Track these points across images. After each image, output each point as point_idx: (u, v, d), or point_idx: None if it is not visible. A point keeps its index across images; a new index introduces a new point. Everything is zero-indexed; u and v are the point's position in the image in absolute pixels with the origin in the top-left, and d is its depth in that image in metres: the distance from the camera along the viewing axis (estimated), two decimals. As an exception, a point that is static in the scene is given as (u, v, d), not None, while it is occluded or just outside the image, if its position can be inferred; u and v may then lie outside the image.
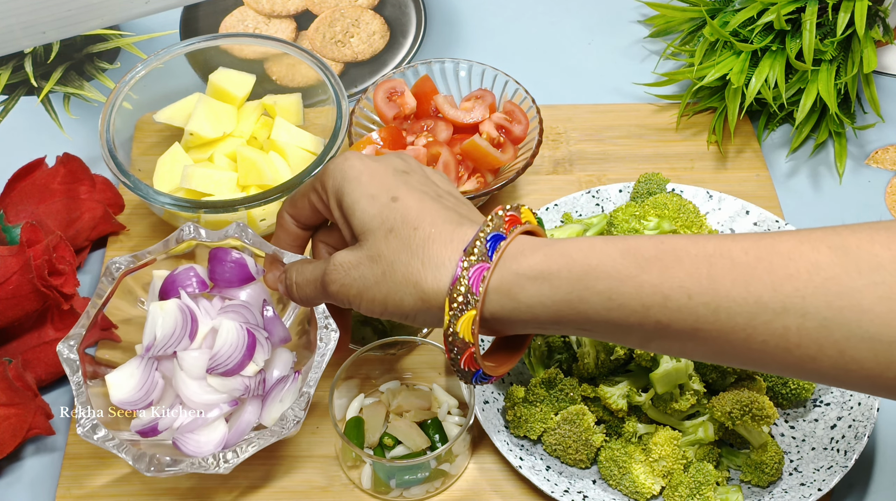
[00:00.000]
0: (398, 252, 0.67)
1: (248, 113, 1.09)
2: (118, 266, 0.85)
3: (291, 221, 0.79)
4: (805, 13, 1.06)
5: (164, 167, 1.05)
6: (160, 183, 1.04)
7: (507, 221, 0.67)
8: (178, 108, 1.08)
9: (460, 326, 0.65)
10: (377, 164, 0.72)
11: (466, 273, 0.65)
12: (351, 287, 0.70)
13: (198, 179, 1.02)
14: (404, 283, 0.67)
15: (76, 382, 0.81)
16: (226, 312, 0.85)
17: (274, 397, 0.84)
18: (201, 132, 1.06)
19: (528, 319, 0.66)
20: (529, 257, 0.65)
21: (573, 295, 0.64)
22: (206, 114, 1.06)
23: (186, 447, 0.82)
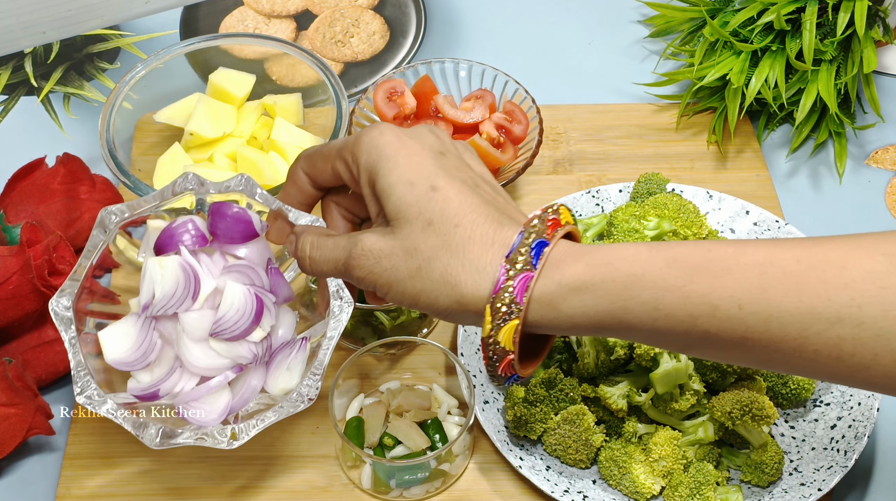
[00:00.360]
0: (437, 249, 0.65)
1: (248, 113, 1.09)
2: (113, 217, 0.78)
3: (306, 180, 0.74)
4: (805, 13, 1.06)
5: (164, 167, 1.05)
6: (160, 183, 1.04)
7: (549, 225, 0.65)
8: (178, 108, 1.08)
9: (502, 335, 0.63)
10: (413, 143, 0.68)
11: (511, 282, 0.63)
12: (380, 276, 0.66)
13: None
14: (441, 283, 0.65)
15: (69, 339, 0.77)
16: (230, 272, 0.79)
17: (279, 363, 0.80)
18: (201, 132, 1.06)
19: (567, 327, 0.64)
20: (572, 266, 0.63)
21: (616, 305, 0.62)
22: (206, 114, 1.06)
23: (192, 415, 0.78)
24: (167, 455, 0.92)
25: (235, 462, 0.92)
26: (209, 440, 0.76)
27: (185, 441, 0.75)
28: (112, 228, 0.79)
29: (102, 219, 0.78)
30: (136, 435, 0.75)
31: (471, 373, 0.92)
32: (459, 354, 0.93)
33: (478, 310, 0.64)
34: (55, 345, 0.94)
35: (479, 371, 0.93)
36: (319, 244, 0.71)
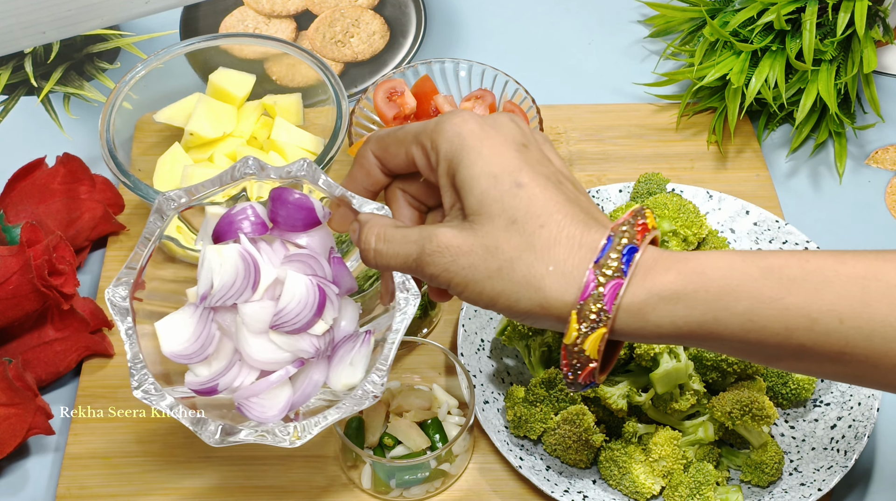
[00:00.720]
0: (521, 249, 0.61)
1: (248, 113, 1.09)
2: (171, 203, 0.74)
3: (376, 163, 0.70)
4: (805, 13, 1.06)
5: (164, 167, 1.05)
6: (160, 183, 1.04)
7: (638, 230, 0.62)
8: (178, 108, 1.08)
9: (588, 344, 0.61)
10: (496, 133, 0.65)
11: (602, 289, 0.60)
12: (456, 275, 0.63)
13: (198, 179, 1.02)
14: (524, 285, 0.61)
15: (126, 330, 0.73)
16: (291, 262, 0.75)
17: (342, 357, 0.76)
18: (201, 132, 1.06)
19: (652, 337, 0.62)
20: (663, 275, 0.60)
21: (709, 315, 0.60)
22: (206, 114, 1.06)
23: (251, 411, 0.74)
24: (167, 456, 0.92)
25: (235, 463, 0.92)
26: (269, 437, 0.72)
27: (246, 439, 0.72)
28: (170, 214, 0.75)
29: (160, 205, 0.75)
30: (195, 432, 0.72)
31: (471, 373, 0.92)
32: (459, 354, 0.93)
33: (561, 316, 0.61)
34: (55, 345, 0.94)
35: (479, 371, 0.93)
36: (388, 236, 0.67)
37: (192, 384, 0.74)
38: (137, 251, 0.74)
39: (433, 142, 0.66)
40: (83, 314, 0.94)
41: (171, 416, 0.71)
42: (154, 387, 0.72)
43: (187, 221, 0.78)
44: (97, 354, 0.97)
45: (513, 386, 0.92)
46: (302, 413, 0.75)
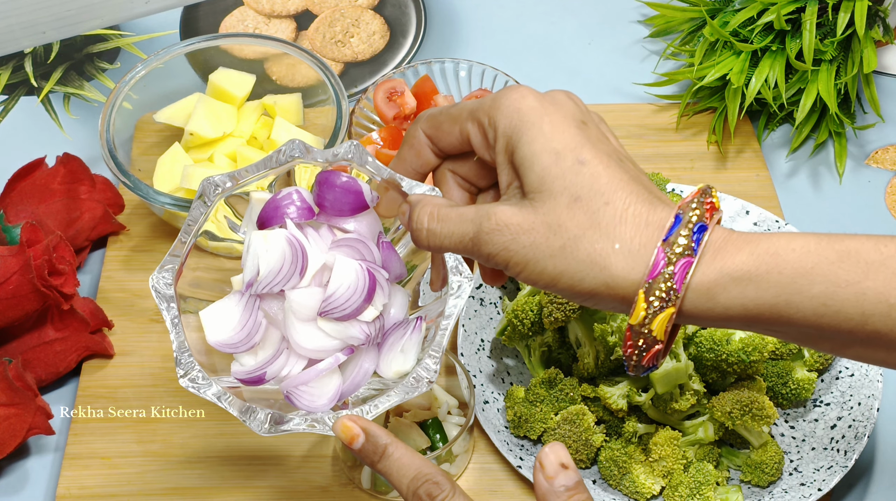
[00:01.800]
0: (584, 226, 0.59)
1: (248, 113, 1.09)
2: (216, 188, 0.72)
3: (427, 143, 0.68)
4: (805, 13, 1.06)
5: (164, 167, 1.05)
6: (160, 183, 1.04)
7: (707, 208, 0.60)
8: (178, 108, 1.08)
9: (656, 324, 0.59)
10: (556, 109, 0.63)
11: (672, 267, 0.58)
12: (516, 253, 0.61)
13: (198, 179, 1.02)
14: (588, 263, 0.59)
15: (172, 318, 0.71)
16: (339, 246, 0.72)
17: (392, 344, 0.73)
18: (201, 132, 1.06)
19: (719, 319, 0.60)
20: (734, 254, 0.59)
21: (781, 298, 0.58)
22: (206, 114, 1.07)
23: (301, 400, 0.72)
24: (167, 456, 0.92)
25: (235, 462, 0.92)
26: (319, 427, 0.70)
27: (296, 428, 0.70)
28: (214, 200, 0.73)
29: (204, 190, 0.72)
30: (242, 421, 0.70)
31: (471, 373, 0.92)
32: (459, 354, 0.93)
33: (627, 296, 0.59)
34: (55, 345, 0.94)
35: (479, 371, 0.93)
36: (441, 215, 0.65)
37: (238, 373, 0.72)
38: (181, 238, 0.72)
39: (490, 118, 0.63)
40: (83, 314, 0.94)
41: (219, 405, 0.69)
42: (201, 376, 0.70)
43: (232, 207, 0.76)
44: (97, 354, 0.97)
45: (513, 386, 0.92)
46: (351, 402, 0.73)
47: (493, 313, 0.98)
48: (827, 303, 0.58)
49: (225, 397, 0.69)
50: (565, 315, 0.90)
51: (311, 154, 0.72)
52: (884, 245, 0.58)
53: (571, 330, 0.92)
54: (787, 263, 0.58)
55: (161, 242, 1.06)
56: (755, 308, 0.59)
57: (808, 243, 0.59)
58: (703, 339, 0.88)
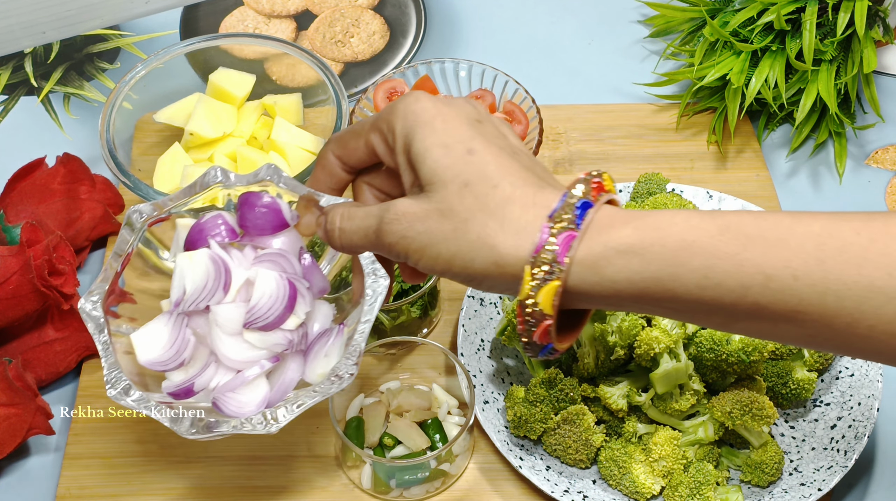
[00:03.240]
0: (474, 210, 0.62)
1: (248, 113, 1.09)
2: (140, 215, 0.76)
3: (337, 162, 0.72)
4: (805, 13, 1.06)
5: (164, 167, 1.05)
6: (160, 183, 1.04)
7: (593, 187, 0.62)
8: (178, 108, 1.08)
9: (541, 297, 0.61)
10: (449, 110, 0.66)
11: (554, 240, 0.60)
12: (413, 240, 0.64)
13: None
14: (478, 244, 0.62)
15: (103, 342, 0.74)
16: (261, 261, 0.76)
17: (317, 352, 0.77)
18: (201, 132, 1.06)
19: (609, 295, 0.62)
20: (619, 229, 0.61)
21: (665, 271, 0.60)
22: (206, 114, 1.07)
23: (227, 407, 0.75)
24: (167, 456, 0.92)
25: (235, 463, 0.92)
26: (248, 426, 0.73)
27: (225, 431, 0.73)
28: (139, 227, 0.77)
29: (130, 218, 0.76)
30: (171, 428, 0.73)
31: (471, 373, 0.92)
32: (459, 354, 0.93)
33: (515, 273, 0.62)
34: (55, 345, 0.94)
35: (479, 370, 0.93)
36: (350, 214, 0.69)
37: (168, 388, 0.75)
38: (111, 264, 0.76)
39: (389, 124, 0.67)
40: (83, 314, 0.95)
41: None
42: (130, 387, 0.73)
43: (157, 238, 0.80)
44: (97, 354, 0.97)
45: (513, 386, 0.92)
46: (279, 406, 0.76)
47: (493, 313, 0.98)
48: (708, 275, 0.59)
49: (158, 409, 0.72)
50: (565, 315, 0.90)
51: (231, 179, 0.77)
52: (763, 218, 0.60)
53: (571, 330, 0.92)
54: (670, 236, 0.60)
55: (161, 242, 1.06)
56: (641, 281, 0.60)
57: (690, 218, 0.61)
58: (703, 339, 0.88)
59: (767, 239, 0.59)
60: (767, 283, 0.59)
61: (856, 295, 0.58)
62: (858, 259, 0.58)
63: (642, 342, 0.87)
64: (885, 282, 0.57)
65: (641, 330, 0.88)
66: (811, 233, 0.59)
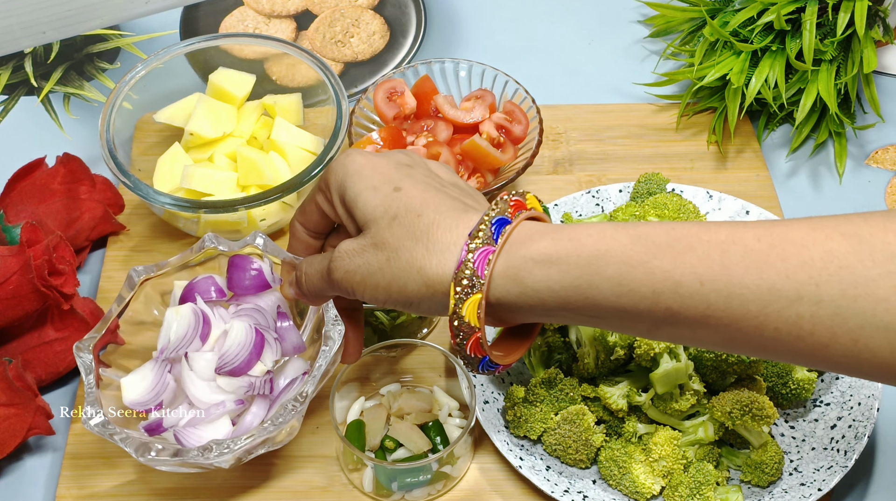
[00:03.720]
0: (402, 238, 0.68)
1: (248, 113, 1.09)
2: (138, 273, 0.87)
3: (302, 230, 0.79)
4: (805, 13, 1.06)
5: (164, 167, 1.05)
6: (160, 183, 1.04)
7: (512, 206, 0.67)
8: (178, 108, 1.08)
9: (465, 310, 0.65)
10: (379, 159, 0.73)
11: (472, 255, 0.65)
12: (355, 273, 0.70)
13: (198, 179, 1.02)
14: (408, 269, 0.67)
15: (89, 384, 0.82)
16: (238, 315, 0.86)
17: (284, 398, 0.85)
18: (201, 132, 1.05)
19: (535, 305, 0.65)
20: (537, 242, 0.65)
21: (582, 279, 0.64)
22: (206, 114, 1.06)
23: (187, 440, 0.83)
24: (167, 456, 0.92)
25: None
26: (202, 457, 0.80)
27: (180, 459, 0.80)
28: (137, 283, 0.87)
29: (130, 277, 0.87)
30: (133, 455, 0.80)
31: (470, 374, 0.92)
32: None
33: (444, 291, 0.66)
34: (55, 345, 0.94)
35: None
36: (310, 260, 0.76)
37: (143, 425, 0.84)
38: (108, 315, 0.85)
39: (325, 182, 0.74)
40: (83, 314, 0.94)
41: (116, 444, 0.80)
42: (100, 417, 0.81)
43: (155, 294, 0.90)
44: (97, 354, 0.97)
45: (513, 386, 0.92)
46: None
47: (493, 313, 0.97)
48: (622, 283, 0.63)
49: (124, 438, 0.80)
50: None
51: (223, 245, 0.88)
52: (671, 228, 0.64)
53: (571, 330, 0.92)
54: (585, 246, 0.64)
55: (161, 242, 1.06)
56: (561, 289, 0.64)
57: (604, 229, 0.65)
58: (703, 339, 0.88)
59: (675, 247, 0.63)
60: (677, 289, 0.62)
61: (759, 298, 0.61)
62: (759, 264, 0.61)
63: (642, 342, 0.87)
64: (785, 285, 0.60)
65: (641, 331, 0.88)
66: (716, 240, 0.62)
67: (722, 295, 0.61)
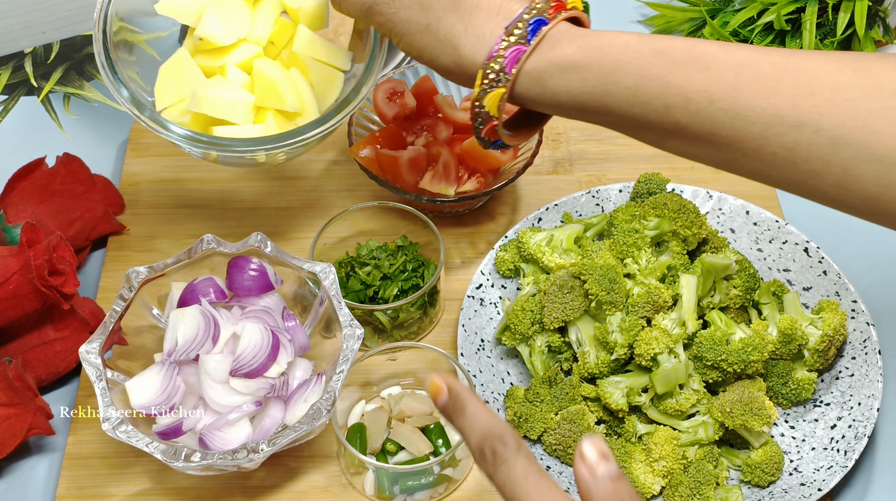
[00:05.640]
0: (446, 10, 0.69)
1: (264, 12, 0.90)
2: (138, 275, 0.87)
3: None
4: (805, 13, 1.06)
5: (168, 77, 0.89)
6: (162, 97, 0.89)
7: (552, 5, 0.68)
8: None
9: (488, 100, 0.68)
10: None
11: (504, 52, 0.67)
12: (396, 25, 0.71)
13: (210, 103, 0.87)
14: (445, 43, 0.69)
15: (101, 387, 0.82)
16: (248, 317, 0.86)
17: (297, 399, 0.85)
18: (213, 37, 0.88)
19: (552, 104, 0.68)
20: (566, 47, 0.67)
21: (599, 88, 0.66)
22: (219, 12, 0.88)
23: (213, 443, 0.83)
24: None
25: (235, 463, 0.92)
26: (231, 459, 0.80)
27: (210, 463, 0.80)
28: (136, 286, 0.87)
29: (129, 278, 0.86)
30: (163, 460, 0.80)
31: (471, 373, 0.92)
32: (459, 354, 0.93)
33: (472, 74, 0.69)
34: (55, 345, 0.94)
35: (479, 370, 0.93)
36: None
37: (158, 428, 0.84)
38: (109, 318, 0.85)
39: None
40: (83, 314, 0.94)
41: (143, 449, 0.80)
42: (128, 425, 0.81)
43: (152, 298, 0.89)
44: (97, 354, 0.97)
45: (513, 386, 0.92)
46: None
47: (493, 313, 0.98)
48: (637, 94, 0.66)
49: (151, 443, 0.80)
50: (566, 314, 0.90)
51: (222, 246, 0.87)
52: (693, 46, 0.66)
53: (571, 330, 0.92)
54: (609, 56, 0.66)
55: (161, 242, 1.06)
56: (579, 94, 0.67)
57: (629, 41, 0.67)
58: (703, 339, 0.88)
59: (693, 65, 0.65)
60: (687, 105, 0.65)
61: (762, 121, 0.63)
62: (768, 89, 0.63)
63: (642, 342, 0.87)
64: (789, 112, 0.62)
65: (641, 330, 0.88)
66: (732, 62, 0.64)
67: (728, 115, 0.63)
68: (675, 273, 0.92)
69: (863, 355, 0.92)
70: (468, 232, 1.06)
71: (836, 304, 0.93)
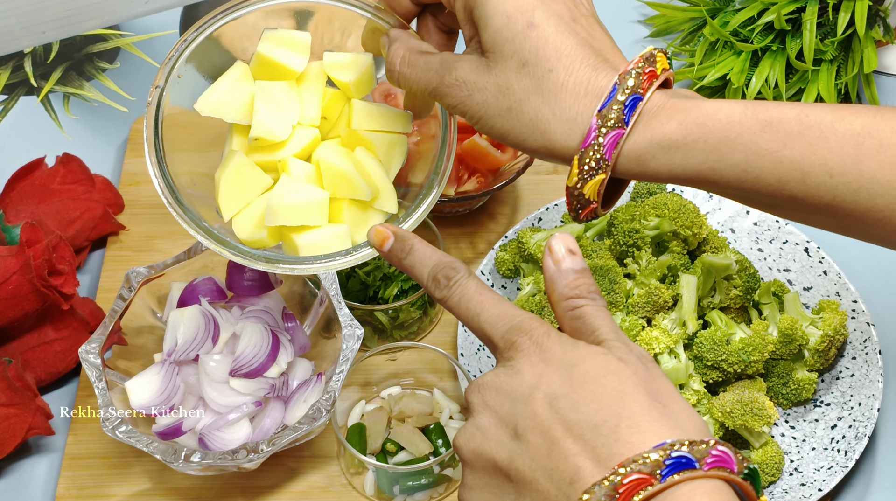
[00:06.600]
0: (529, 92, 0.64)
1: (309, 87, 0.77)
2: (137, 275, 0.87)
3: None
4: (805, 13, 1.06)
5: (230, 186, 0.75)
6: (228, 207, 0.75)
7: (645, 78, 0.64)
8: (221, 93, 0.75)
9: (588, 188, 0.64)
10: None
11: (602, 139, 0.62)
12: (471, 108, 0.66)
13: (287, 213, 0.73)
14: (531, 127, 0.65)
15: (101, 387, 0.82)
16: (247, 317, 0.86)
17: (297, 399, 0.85)
18: (270, 135, 0.75)
19: (650, 179, 0.65)
20: (664, 124, 0.63)
21: (705, 166, 0.62)
22: (268, 106, 0.75)
23: (213, 443, 0.83)
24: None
25: (235, 463, 0.92)
26: (231, 459, 0.80)
27: (210, 463, 0.81)
28: (135, 286, 0.87)
29: (128, 278, 0.87)
30: (162, 460, 0.80)
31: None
32: (459, 354, 0.93)
33: (564, 158, 0.65)
34: (55, 345, 0.94)
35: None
36: (411, 61, 0.69)
37: (156, 429, 0.84)
38: (109, 319, 0.86)
39: None
40: (83, 314, 0.94)
41: (142, 449, 0.81)
42: (127, 426, 0.81)
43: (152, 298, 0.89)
44: (97, 354, 0.97)
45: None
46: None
47: (494, 313, 0.97)
48: (747, 170, 0.62)
49: (150, 443, 0.80)
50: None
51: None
52: (805, 115, 0.62)
53: (571, 331, 0.92)
54: (713, 133, 0.62)
55: (161, 242, 1.05)
56: (682, 173, 0.63)
57: (733, 113, 0.62)
58: (704, 339, 0.88)
59: (807, 137, 0.61)
60: (804, 180, 0.61)
61: (889, 194, 0.60)
62: (893, 159, 0.60)
63: (642, 342, 0.87)
64: None
65: (641, 330, 0.88)
66: (851, 132, 0.61)
67: (850, 189, 0.61)
68: (676, 273, 0.92)
69: (863, 355, 0.92)
70: (468, 232, 1.06)
71: (837, 304, 0.93)
